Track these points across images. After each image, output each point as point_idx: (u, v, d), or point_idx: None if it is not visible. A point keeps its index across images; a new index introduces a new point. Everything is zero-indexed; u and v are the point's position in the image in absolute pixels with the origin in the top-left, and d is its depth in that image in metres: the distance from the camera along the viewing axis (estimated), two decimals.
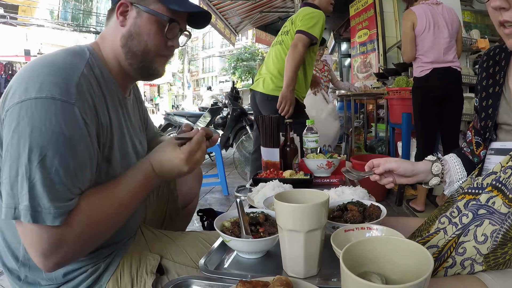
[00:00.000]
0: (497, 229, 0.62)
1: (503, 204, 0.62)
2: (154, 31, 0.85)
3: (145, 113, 1.18)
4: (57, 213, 0.66)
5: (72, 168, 0.68)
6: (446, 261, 0.67)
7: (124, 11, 0.85)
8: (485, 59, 0.87)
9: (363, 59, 5.73)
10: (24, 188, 0.65)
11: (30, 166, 0.65)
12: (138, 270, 0.87)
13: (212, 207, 1.63)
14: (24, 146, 0.65)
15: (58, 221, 0.66)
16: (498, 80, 0.82)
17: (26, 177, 0.65)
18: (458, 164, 0.95)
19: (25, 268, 0.79)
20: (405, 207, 2.74)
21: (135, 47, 0.85)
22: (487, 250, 0.63)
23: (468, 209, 0.67)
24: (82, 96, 0.72)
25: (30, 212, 0.64)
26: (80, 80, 0.73)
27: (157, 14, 0.84)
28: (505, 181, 0.64)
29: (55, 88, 0.68)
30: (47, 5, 15.71)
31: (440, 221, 0.72)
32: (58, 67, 0.72)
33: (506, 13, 0.64)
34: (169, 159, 0.82)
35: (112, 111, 0.84)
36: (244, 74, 29.29)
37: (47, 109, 0.66)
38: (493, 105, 0.83)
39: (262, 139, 1.60)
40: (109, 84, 0.86)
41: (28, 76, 0.70)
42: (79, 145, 0.70)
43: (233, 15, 7.71)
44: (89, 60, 0.80)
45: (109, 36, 0.88)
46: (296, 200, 0.72)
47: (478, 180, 0.71)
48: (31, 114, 0.66)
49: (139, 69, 0.88)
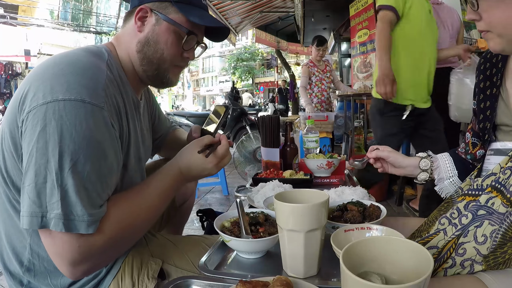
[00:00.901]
0: (496, 229, 0.62)
1: (501, 204, 0.63)
2: (172, 41, 0.85)
3: (157, 109, 1.18)
4: (90, 220, 0.64)
5: (103, 174, 0.67)
6: (445, 262, 0.67)
7: (143, 16, 0.84)
8: (482, 61, 0.88)
9: (363, 59, 5.73)
10: (54, 195, 0.62)
11: (62, 172, 0.62)
12: (140, 275, 0.86)
13: (212, 207, 1.63)
14: (54, 151, 0.62)
15: (92, 228, 0.65)
16: (496, 82, 0.83)
17: (58, 184, 0.62)
18: (449, 162, 0.98)
19: (30, 274, 0.78)
20: (405, 207, 2.73)
21: (151, 54, 0.85)
22: (487, 250, 0.63)
23: (468, 210, 0.68)
24: (108, 100, 0.72)
25: (63, 221, 0.62)
26: (106, 83, 0.72)
27: (177, 25, 0.84)
28: (504, 182, 0.64)
29: (84, 90, 0.67)
30: (47, 5, 15.70)
31: (440, 222, 0.72)
32: (83, 67, 0.71)
33: (479, 23, 0.71)
34: (198, 164, 0.85)
35: (130, 115, 0.84)
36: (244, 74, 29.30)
37: (76, 112, 0.64)
38: (491, 107, 0.84)
39: (262, 139, 1.60)
40: (126, 87, 0.85)
41: (51, 75, 0.67)
42: (109, 150, 0.69)
43: (233, 15, 7.71)
44: (108, 62, 0.79)
45: (124, 39, 0.87)
46: (296, 200, 0.72)
47: (478, 181, 0.71)
48: (59, 117, 0.63)
49: (153, 76, 0.88)
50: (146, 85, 0.95)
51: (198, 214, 1.56)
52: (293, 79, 12.03)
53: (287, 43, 12.27)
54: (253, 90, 28.84)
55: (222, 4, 6.93)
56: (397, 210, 2.77)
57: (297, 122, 3.69)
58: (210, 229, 1.41)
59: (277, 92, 13.02)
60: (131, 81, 0.88)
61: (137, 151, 0.89)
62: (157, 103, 1.20)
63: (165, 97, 29.32)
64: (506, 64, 0.82)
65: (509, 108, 0.79)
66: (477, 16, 0.70)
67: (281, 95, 12.40)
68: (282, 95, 12.31)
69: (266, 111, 12.42)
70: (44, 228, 0.63)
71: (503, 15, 0.67)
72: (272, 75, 26.20)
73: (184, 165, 0.85)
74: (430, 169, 0.99)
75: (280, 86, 12.97)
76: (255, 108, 10.94)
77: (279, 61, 13.96)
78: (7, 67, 11.09)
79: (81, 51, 0.78)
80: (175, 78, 0.92)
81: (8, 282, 0.82)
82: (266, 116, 1.60)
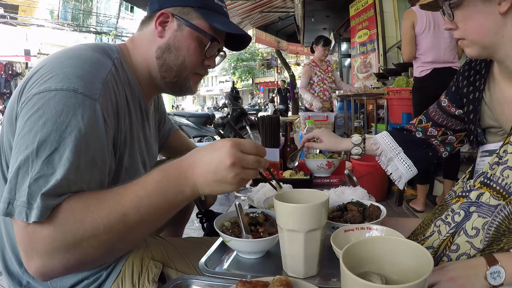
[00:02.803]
0: (488, 221, 0.64)
1: (491, 197, 0.65)
2: (194, 48, 0.83)
3: (163, 113, 1.17)
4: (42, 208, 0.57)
5: (79, 165, 0.62)
6: (441, 260, 0.69)
7: (164, 21, 0.82)
8: (466, 68, 0.92)
9: (363, 59, 5.73)
10: (25, 183, 0.59)
11: (37, 160, 0.59)
12: (140, 278, 0.84)
13: (212, 208, 1.63)
14: (35, 139, 0.60)
15: (39, 217, 0.57)
16: (479, 86, 0.86)
17: (31, 172, 0.59)
18: (389, 140, 1.05)
19: (29, 274, 0.76)
20: (405, 207, 2.74)
21: (171, 61, 0.83)
22: (481, 243, 0.64)
23: (460, 207, 0.69)
24: (106, 94, 0.69)
25: (26, 210, 0.58)
26: (107, 77, 0.70)
27: (200, 31, 0.82)
28: (492, 177, 0.67)
29: (79, 81, 0.64)
30: (47, 5, 15.70)
31: (435, 224, 0.74)
32: (84, 61, 0.68)
33: (455, 32, 0.78)
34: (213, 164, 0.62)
35: (134, 117, 0.82)
36: (244, 74, 29.30)
37: (65, 101, 0.62)
38: (474, 110, 0.87)
39: (262, 139, 1.60)
40: (134, 89, 0.83)
41: (50, 67, 0.66)
42: (94, 143, 0.65)
43: (233, 15, 7.70)
44: (116, 60, 0.78)
45: (142, 43, 0.85)
46: (296, 200, 0.72)
47: (470, 183, 0.74)
48: (47, 105, 0.61)
49: (172, 83, 0.85)
50: (161, 92, 0.92)
51: (198, 216, 1.56)
52: (293, 79, 12.05)
53: (287, 43, 12.28)
54: (253, 90, 28.87)
55: None
56: (397, 210, 2.77)
57: (297, 122, 3.69)
58: (210, 231, 1.41)
59: (277, 92, 13.02)
60: (143, 86, 0.86)
61: (142, 157, 0.86)
62: (164, 107, 1.18)
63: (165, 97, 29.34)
64: (489, 70, 0.85)
65: (492, 111, 0.83)
66: (454, 26, 0.78)
67: (281, 95, 12.41)
68: (282, 95, 12.32)
69: (266, 111, 12.44)
70: (10, 216, 0.59)
71: (477, 24, 0.74)
72: (272, 75, 26.21)
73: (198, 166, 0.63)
74: (363, 144, 1.08)
75: (279, 86, 12.97)
76: (255, 108, 10.94)
77: (279, 61, 13.98)
78: (7, 67, 11.09)
79: (88, 46, 0.75)
80: (195, 86, 0.89)
81: (7, 282, 0.81)
82: (266, 116, 1.61)
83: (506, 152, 0.66)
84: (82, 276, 0.81)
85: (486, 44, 0.74)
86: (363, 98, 4.16)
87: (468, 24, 0.75)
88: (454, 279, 0.61)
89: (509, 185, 0.64)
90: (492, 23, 0.72)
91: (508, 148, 0.66)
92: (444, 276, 0.62)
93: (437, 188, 2.90)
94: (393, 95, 3.02)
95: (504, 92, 0.80)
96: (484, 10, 0.72)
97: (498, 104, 0.81)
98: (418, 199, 2.61)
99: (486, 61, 0.86)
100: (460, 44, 0.80)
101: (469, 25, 0.75)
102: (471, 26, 0.74)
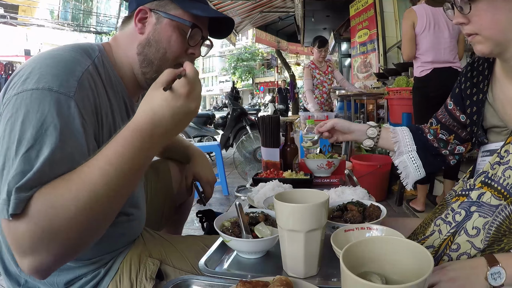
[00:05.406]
0: (488, 221, 0.64)
1: (492, 197, 0.65)
2: (175, 38, 0.83)
3: None
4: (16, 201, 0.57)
5: (54, 160, 0.62)
6: (442, 259, 0.68)
7: (143, 17, 0.82)
8: (468, 69, 0.91)
9: (363, 59, 5.73)
10: (6, 181, 0.59)
11: (16, 158, 0.60)
12: (138, 275, 0.85)
13: (212, 207, 1.63)
14: (14, 138, 0.61)
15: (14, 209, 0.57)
16: (482, 88, 0.85)
17: (10, 171, 0.60)
18: (408, 137, 1.02)
19: None
20: (405, 207, 2.73)
21: (152, 54, 0.83)
22: (481, 243, 0.64)
23: (460, 207, 0.69)
24: (82, 92, 0.70)
25: (6, 207, 0.57)
26: (83, 76, 0.71)
27: (179, 19, 0.82)
28: (493, 176, 0.66)
29: (54, 79, 0.66)
30: (47, 5, 15.71)
31: (435, 223, 0.74)
32: (60, 60, 0.70)
33: (466, 27, 0.74)
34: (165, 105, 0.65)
35: (117, 114, 0.82)
36: (244, 74, 29.30)
37: (41, 100, 0.63)
38: (477, 112, 0.87)
39: (262, 139, 1.60)
40: (116, 86, 0.84)
41: (29, 68, 0.68)
42: (70, 139, 0.65)
43: (233, 15, 7.71)
44: (97, 59, 0.78)
45: (124, 41, 0.86)
46: (296, 200, 0.72)
47: (470, 182, 0.74)
48: (24, 105, 0.63)
49: (153, 80, 0.83)
50: (144, 90, 0.93)
51: (198, 215, 1.56)
52: (293, 79, 12.05)
53: (287, 43, 12.29)
54: (253, 90, 28.86)
55: (222, 4, 6.93)
56: (397, 210, 2.77)
57: (297, 122, 3.69)
58: (210, 230, 1.41)
59: (277, 92, 13.02)
60: (127, 83, 0.87)
61: None
62: None
63: None
64: (492, 71, 0.84)
65: (496, 112, 0.82)
66: (466, 20, 0.74)
67: (281, 95, 12.41)
68: (282, 95, 12.33)
69: (266, 111, 12.43)
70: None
71: (494, 19, 0.70)
72: (272, 75, 26.23)
73: (145, 114, 0.65)
74: (377, 138, 1.03)
75: (280, 86, 12.97)
76: (255, 108, 10.95)
77: (279, 61, 13.98)
78: (7, 67, 11.09)
79: (69, 47, 0.76)
80: None
81: (6, 283, 0.82)
82: (266, 116, 1.60)
83: (508, 152, 0.66)
84: (80, 273, 0.82)
85: (500, 41, 0.72)
86: (363, 98, 4.16)
87: (484, 19, 0.71)
88: (454, 280, 0.61)
89: (511, 185, 0.64)
90: (509, 19, 0.69)
91: (509, 148, 0.66)
92: (444, 276, 0.62)
93: (437, 188, 2.90)
94: (393, 95, 3.02)
95: (507, 92, 0.80)
96: (503, 6, 0.69)
97: (500, 105, 0.81)
98: (418, 199, 2.61)
99: (488, 62, 0.85)
100: (470, 40, 0.76)
101: (485, 20, 0.71)
102: (487, 21, 0.71)
